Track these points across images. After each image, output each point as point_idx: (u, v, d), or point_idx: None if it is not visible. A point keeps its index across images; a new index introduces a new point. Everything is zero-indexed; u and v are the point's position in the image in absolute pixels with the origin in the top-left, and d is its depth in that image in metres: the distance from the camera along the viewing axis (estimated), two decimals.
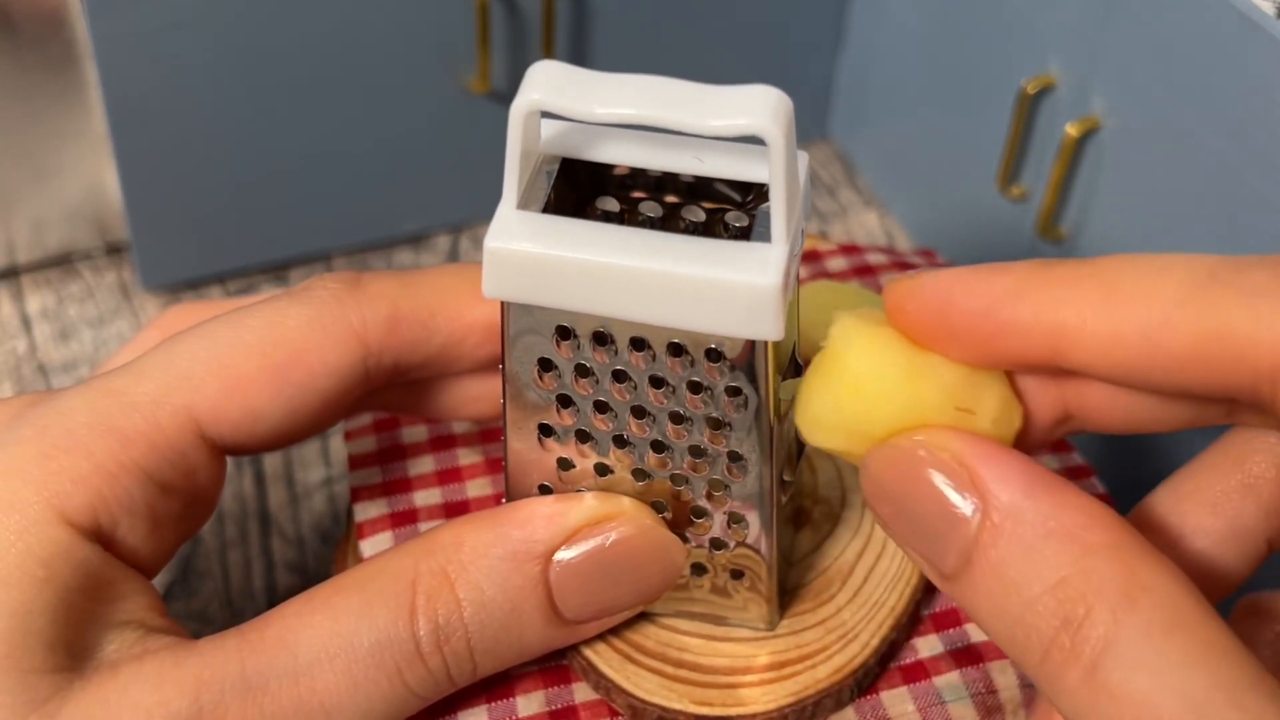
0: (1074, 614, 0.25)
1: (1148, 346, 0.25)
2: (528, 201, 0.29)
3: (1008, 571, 0.26)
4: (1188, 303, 0.24)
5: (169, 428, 0.31)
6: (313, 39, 0.48)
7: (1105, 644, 0.24)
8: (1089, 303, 0.25)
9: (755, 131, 0.26)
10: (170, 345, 0.32)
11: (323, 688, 0.29)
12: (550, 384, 0.30)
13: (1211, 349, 0.24)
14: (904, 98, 0.54)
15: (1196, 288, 0.24)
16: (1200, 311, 0.24)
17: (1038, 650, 0.25)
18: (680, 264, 0.27)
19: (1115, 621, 0.24)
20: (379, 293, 0.32)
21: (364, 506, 0.37)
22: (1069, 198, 0.45)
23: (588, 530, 0.31)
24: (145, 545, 0.31)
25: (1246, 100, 0.37)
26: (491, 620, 0.31)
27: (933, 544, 0.27)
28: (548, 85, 0.27)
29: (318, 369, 0.32)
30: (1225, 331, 0.24)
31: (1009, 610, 0.26)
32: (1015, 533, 0.26)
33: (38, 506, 0.29)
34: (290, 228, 0.53)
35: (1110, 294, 0.25)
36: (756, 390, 0.29)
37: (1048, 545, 0.25)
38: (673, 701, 0.32)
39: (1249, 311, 0.24)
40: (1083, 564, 0.25)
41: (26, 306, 0.52)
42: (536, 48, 0.51)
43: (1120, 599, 0.24)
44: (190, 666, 0.29)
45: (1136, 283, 0.25)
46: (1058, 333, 0.26)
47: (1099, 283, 0.25)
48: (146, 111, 0.48)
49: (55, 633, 0.29)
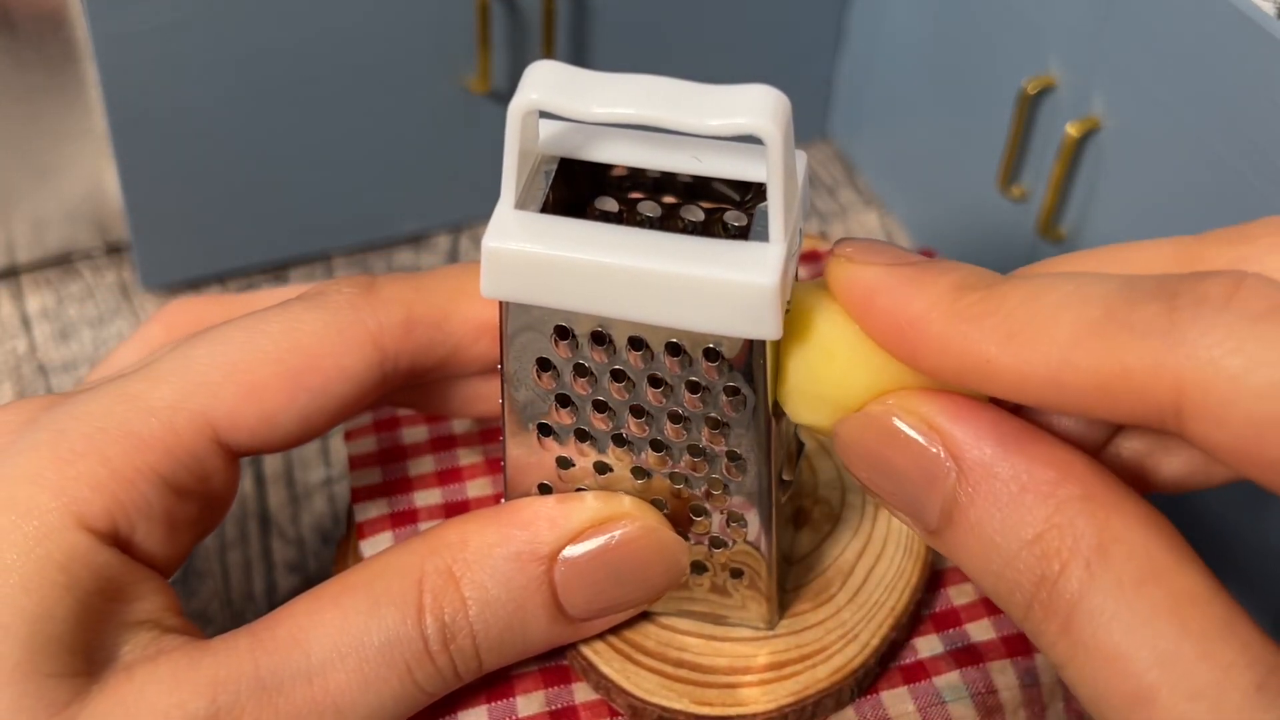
0: (1049, 570, 0.25)
1: (1053, 386, 0.25)
2: (526, 201, 0.29)
3: (986, 529, 0.26)
4: (1084, 343, 0.24)
5: (185, 433, 0.31)
6: (313, 39, 0.48)
7: (1079, 598, 0.24)
8: (993, 340, 0.25)
9: (753, 131, 0.26)
10: (186, 350, 0.32)
11: (335, 687, 0.30)
12: (549, 383, 0.30)
13: (1111, 389, 0.24)
14: (904, 98, 0.54)
15: (1091, 328, 0.24)
16: (1096, 354, 0.24)
17: (1021, 605, 0.26)
18: (678, 264, 0.27)
19: (1089, 576, 0.24)
20: (393, 296, 0.32)
21: (364, 507, 0.37)
22: (1069, 198, 0.45)
23: (592, 530, 0.31)
24: (161, 548, 0.31)
25: (1246, 100, 0.37)
26: (497, 619, 0.31)
27: (914, 502, 0.27)
28: (546, 85, 0.27)
29: (334, 374, 0.32)
30: (1121, 372, 0.24)
31: (991, 566, 0.26)
32: (990, 490, 0.26)
33: (56, 513, 0.29)
34: (290, 228, 0.53)
35: (1011, 334, 0.25)
36: (755, 390, 0.29)
37: (1021, 501, 0.25)
38: (673, 701, 0.32)
39: (1141, 351, 0.24)
40: (1056, 519, 0.25)
41: (26, 306, 0.52)
42: (536, 48, 0.51)
43: (1093, 552, 0.25)
44: (205, 668, 0.29)
45: (1034, 322, 0.25)
46: (969, 366, 0.26)
47: (1001, 320, 0.25)
48: (146, 111, 0.48)
49: (74, 637, 0.29)
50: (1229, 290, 0.23)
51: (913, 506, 0.27)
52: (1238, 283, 0.23)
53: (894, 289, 0.27)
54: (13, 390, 0.49)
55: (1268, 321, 0.23)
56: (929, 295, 0.26)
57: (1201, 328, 0.23)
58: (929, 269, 0.27)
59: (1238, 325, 0.23)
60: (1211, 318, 0.23)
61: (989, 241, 0.50)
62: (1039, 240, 0.47)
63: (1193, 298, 0.23)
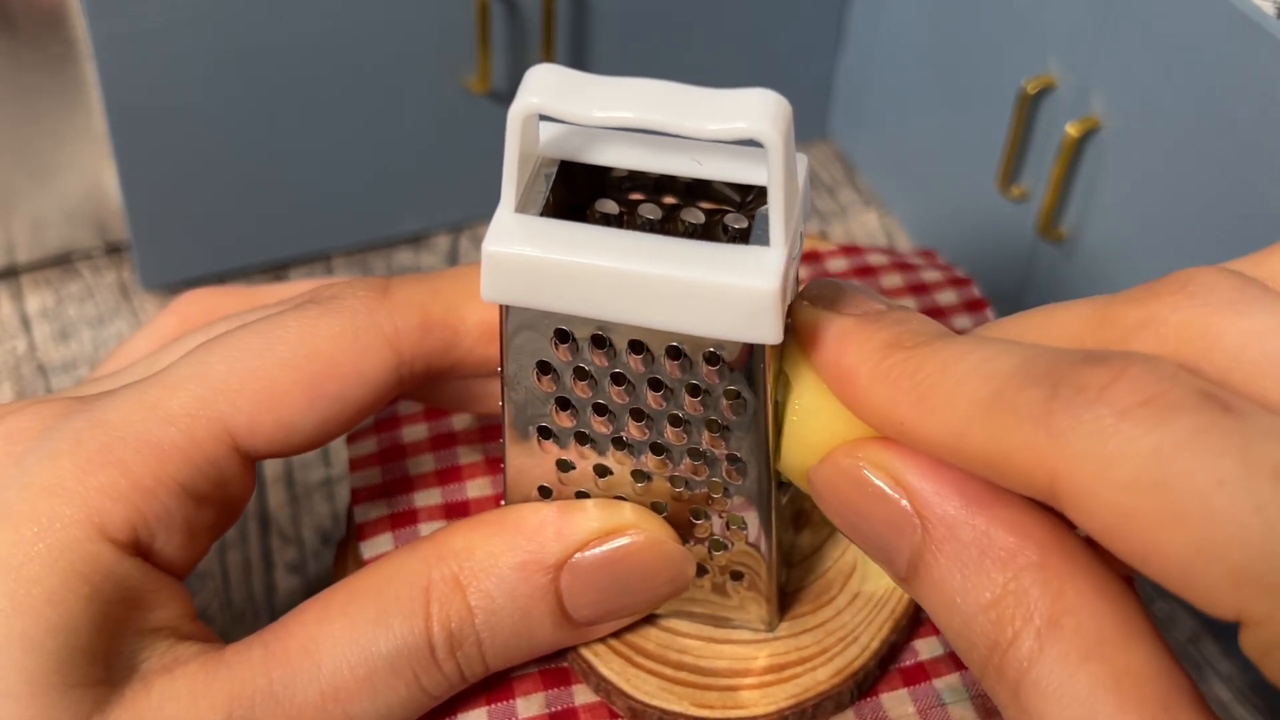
0: (1003, 637, 0.25)
1: (956, 453, 0.26)
2: (526, 204, 0.29)
3: (947, 589, 0.26)
4: (975, 421, 0.25)
5: (205, 441, 0.31)
6: (312, 39, 0.48)
7: (1027, 668, 0.25)
8: (905, 403, 0.26)
9: (753, 136, 0.26)
10: (203, 356, 0.32)
11: (346, 696, 0.30)
12: (549, 386, 0.30)
13: (998, 465, 0.25)
14: (904, 98, 0.54)
15: (981, 406, 0.25)
16: (984, 433, 0.25)
17: (978, 664, 0.26)
18: (678, 267, 0.27)
19: (1039, 647, 0.25)
20: (408, 300, 0.32)
21: (364, 508, 0.37)
22: (1069, 198, 0.45)
23: (598, 541, 0.31)
24: (180, 554, 0.31)
25: (1246, 100, 0.37)
26: (503, 627, 0.31)
27: (884, 551, 0.28)
28: (546, 88, 0.27)
29: (352, 379, 0.32)
30: (1003, 452, 0.25)
31: (952, 623, 0.26)
32: (952, 550, 0.26)
33: (79, 524, 0.29)
34: (290, 228, 0.53)
35: (920, 399, 0.26)
36: (755, 393, 0.29)
37: (981, 565, 0.26)
38: (672, 704, 0.32)
39: (1020, 437, 0.24)
40: (1012, 586, 0.25)
41: (26, 306, 0.52)
42: (536, 48, 0.51)
43: (1045, 623, 0.25)
44: (220, 680, 0.30)
45: (937, 392, 0.26)
46: (888, 424, 0.27)
47: (913, 385, 0.26)
48: (146, 111, 0.48)
49: (96, 647, 0.29)
50: (1106, 381, 0.24)
51: (884, 555, 0.28)
52: (1119, 372, 0.24)
53: (833, 339, 0.28)
54: (12, 390, 0.49)
55: (1131, 418, 0.23)
56: (860, 351, 0.28)
57: (1070, 421, 0.24)
58: (869, 323, 0.28)
59: (1104, 419, 0.23)
60: (1080, 411, 0.24)
61: (989, 241, 0.50)
62: (1039, 240, 0.47)
63: (1071, 387, 0.24)
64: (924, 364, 0.26)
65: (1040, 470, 0.24)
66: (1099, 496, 0.23)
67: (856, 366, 0.27)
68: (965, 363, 0.26)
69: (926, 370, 0.26)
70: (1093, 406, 0.23)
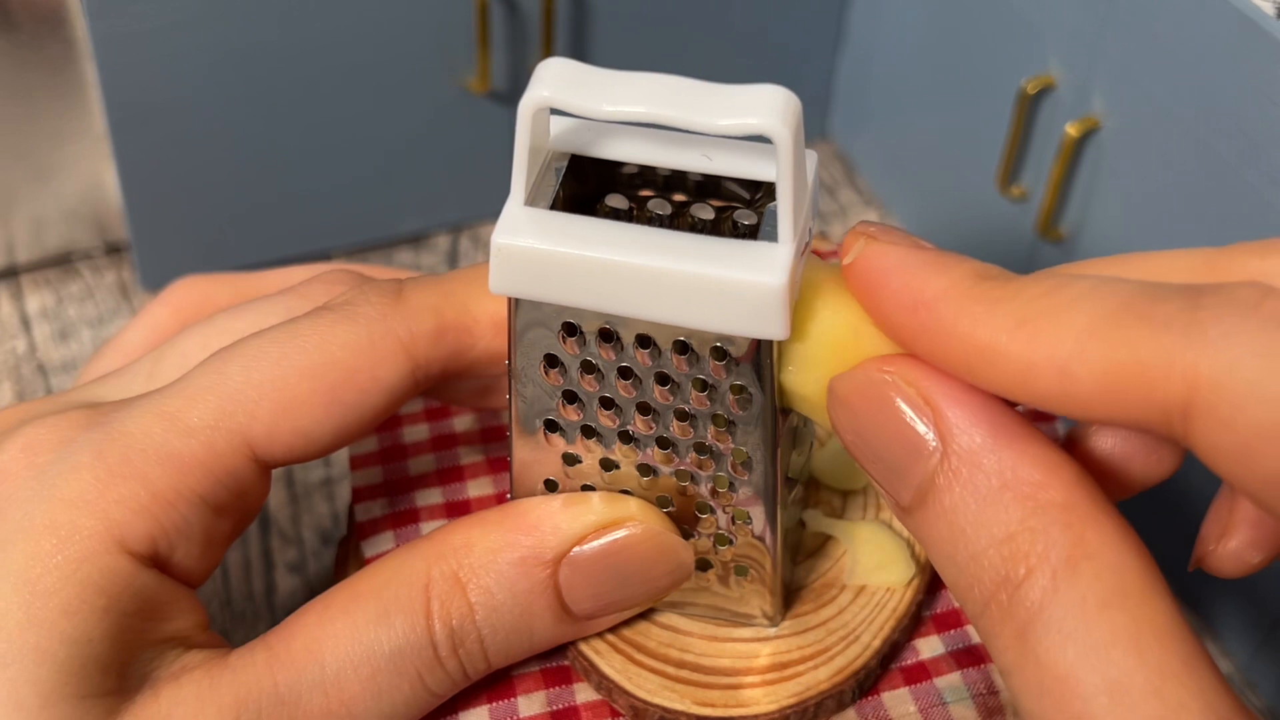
0: (1014, 573, 0.24)
1: (1059, 378, 0.24)
2: (536, 198, 0.29)
3: (958, 519, 0.25)
4: (1098, 334, 0.24)
5: (224, 453, 0.31)
6: (312, 39, 0.48)
7: (1038, 609, 0.24)
8: (1005, 326, 0.25)
9: (763, 131, 0.26)
10: (220, 365, 0.32)
11: (350, 696, 0.30)
12: (556, 380, 0.30)
13: (1121, 382, 0.23)
14: (904, 98, 0.54)
15: (1108, 318, 0.24)
16: (1110, 344, 0.24)
17: (978, 602, 0.25)
18: (687, 262, 0.27)
19: (1053, 587, 0.24)
20: (423, 304, 0.32)
21: (365, 507, 0.37)
22: (1069, 198, 0.45)
23: (596, 534, 0.31)
24: (197, 565, 0.31)
25: (1246, 100, 0.37)
26: (503, 623, 0.31)
27: (892, 474, 0.27)
28: (557, 82, 0.27)
29: (368, 386, 0.32)
30: (1134, 365, 0.23)
31: (955, 556, 0.25)
32: (971, 480, 0.25)
33: (98, 536, 0.29)
34: (290, 228, 0.53)
35: (1024, 321, 0.25)
36: (762, 388, 0.29)
37: (1000, 498, 0.25)
38: (674, 702, 0.32)
39: (1157, 345, 0.23)
40: (1031, 522, 0.24)
41: (26, 306, 0.52)
42: (536, 48, 0.51)
43: (1062, 564, 0.24)
44: (226, 686, 0.30)
45: (1050, 311, 0.24)
46: (973, 353, 0.25)
47: (1017, 306, 0.25)
48: (146, 111, 0.48)
49: (110, 657, 0.29)
50: (1258, 297, 0.23)
51: (890, 478, 0.27)
52: (1266, 292, 0.23)
53: (913, 269, 0.26)
54: (12, 390, 0.49)
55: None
56: (948, 277, 0.26)
57: (1225, 328, 0.23)
58: (950, 256, 0.27)
59: (1263, 330, 0.22)
60: (1237, 320, 0.22)
61: (989, 241, 0.50)
62: (1039, 240, 0.47)
63: (1220, 298, 0.23)
64: (1027, 287, 0.25)
65: (1174, 382, 0.23)
66: (1245, 410, 0.22)
67: (944, 292, 0.26)
68: (1075, 287, 0.25)
69: (1032, 292, 0.25)
70: (1249, 318, 0.22)
